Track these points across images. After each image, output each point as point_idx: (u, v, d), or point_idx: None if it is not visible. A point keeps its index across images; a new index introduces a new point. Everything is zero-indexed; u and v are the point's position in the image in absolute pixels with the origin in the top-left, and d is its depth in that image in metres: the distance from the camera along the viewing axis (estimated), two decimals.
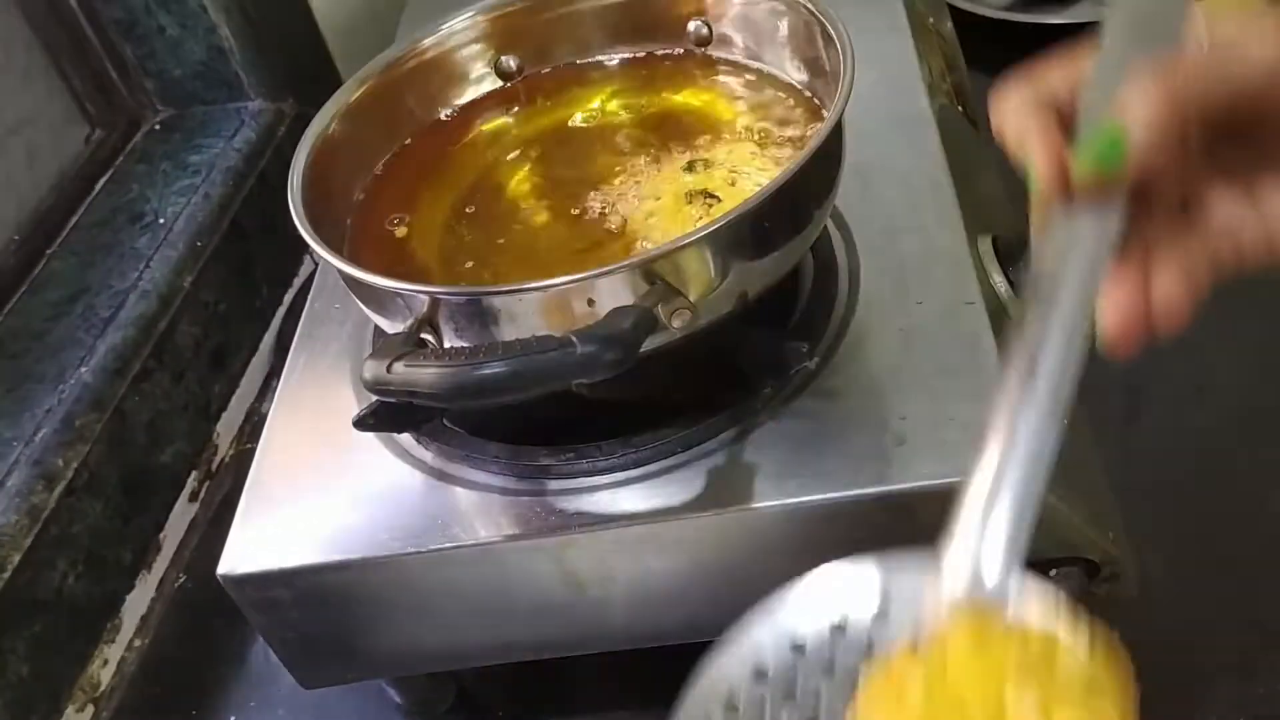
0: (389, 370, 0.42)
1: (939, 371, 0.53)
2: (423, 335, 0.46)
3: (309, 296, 0.68)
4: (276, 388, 0.62)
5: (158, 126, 0.93)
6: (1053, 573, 0.52)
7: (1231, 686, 0.56)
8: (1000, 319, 0.56)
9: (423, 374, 0.42)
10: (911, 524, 0.50)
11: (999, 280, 0.58)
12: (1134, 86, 0.35)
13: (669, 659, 0.58)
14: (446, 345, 0.47)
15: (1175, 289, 0.38)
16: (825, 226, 0.59)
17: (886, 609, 0.38)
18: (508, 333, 0.47)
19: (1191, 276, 0.38)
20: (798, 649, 0.39)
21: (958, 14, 0.98)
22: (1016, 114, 0.38)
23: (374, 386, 0.43)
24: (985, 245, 0.60)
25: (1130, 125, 0.35)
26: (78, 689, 0.68)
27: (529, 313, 0.47)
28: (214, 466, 0.83)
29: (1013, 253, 0.59)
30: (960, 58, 0.85)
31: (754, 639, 0.40)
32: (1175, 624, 0.58)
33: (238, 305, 0.87)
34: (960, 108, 0.75)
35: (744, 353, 0.54)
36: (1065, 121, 0.38)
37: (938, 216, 0.60)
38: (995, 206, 0.68)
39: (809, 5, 0.56)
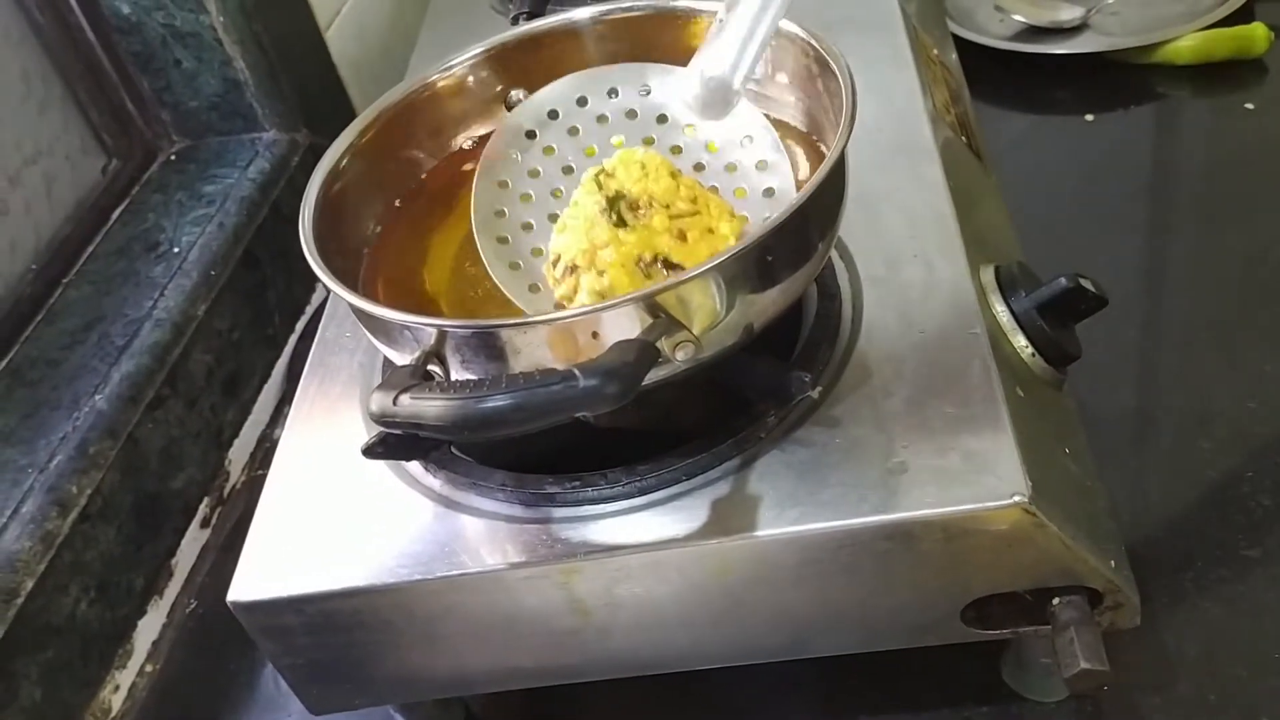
0: (395, 403, 0.43)
1: (941, 400, 0.53)
2: (430, 367, 0.47)
3: (320, 324, 0.69)
4: (288, 414, 0.63)
5: (173, 157, 0.95)
6: (1055, 601, 0.52)
7: (1234, 717, 0.56)
8: (1002, 348, 0.57)
9: (428, 407, 0.42)
10: (914, 552, 0.50)
11: (1001, 309, 0.59)
12: None
13: (675, 686, 0.58)
14: (453, 376, 0.48)
15: None
16: (829, 257, 0.60)
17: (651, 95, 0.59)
18: (514, 364, 0.48)
19: None
20: (581, 102, 0.59)
21: (963, 45, 0.99)
22: None
23: (380, 419, 0.44)
24: (987, 275, 0.60)
25: None
26: (89, 714, 0.69)
27: (534, 345, 0.47)
28: (226, 493, 0.84)
29: (1015, 282, 0.60)
30: (965, 89, 0.86)
31: (553, 93, 0.59)
32: (1179, 653, 0.59)
33: (251, 333, 0.88)
34: (964, 138, 0.75)
35: (747, 382, 0.54)
36: None
37: (940, 247, 0.61)
38: (998, 236, 0.69)
39: (812, 41, 0.56)
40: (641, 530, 0.52)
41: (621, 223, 0.52)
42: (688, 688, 0.60)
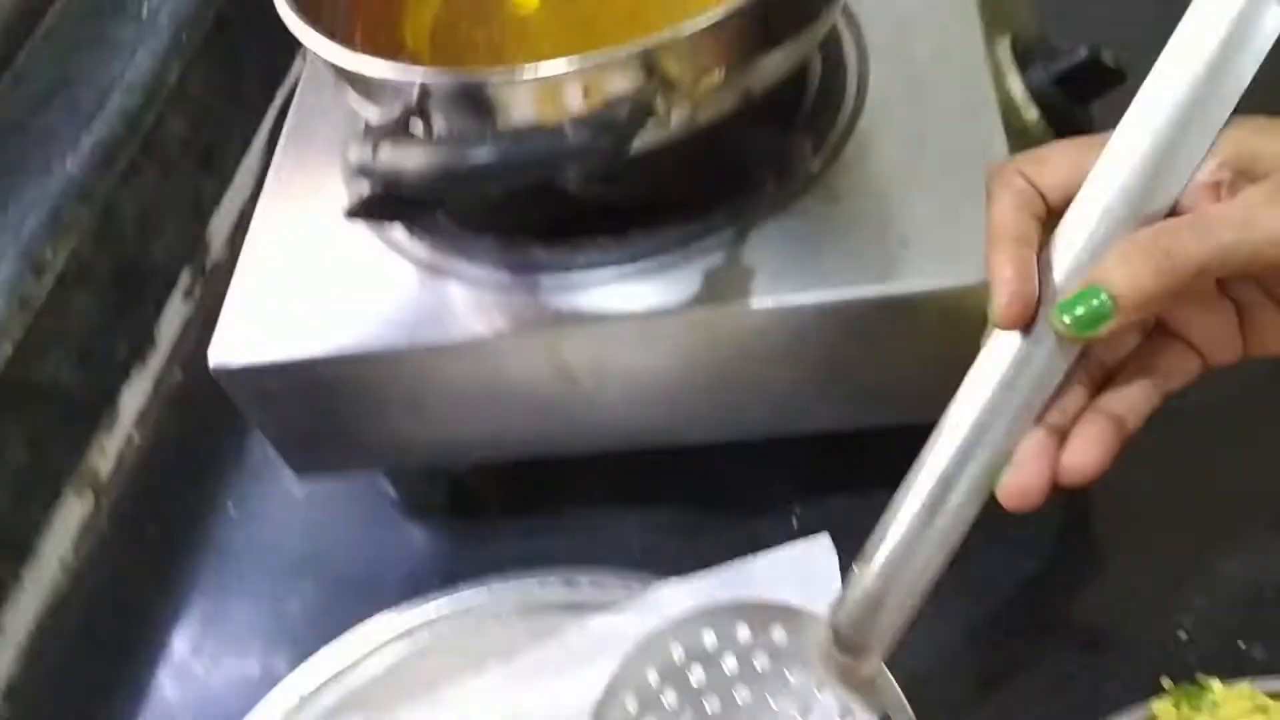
0: (374, 152, 0.41)
1: (947, 174, 0.51)
2: (412, 130, 0.45)
3: (298, 89, 0.66)
4: (265, 181, 0.61)
5: None
6: None
7: None
8: (1013, 123, 0.54)
9: (409, 158, 0.40)
10: (913, 326, 0.49)
11: (1015, 82, 0.56)
12: (1126, 259, 0.35)
13: (660, 461, 0.59)
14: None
15: (1088, 454, 0.38)
16: (835, 24, 0.57)
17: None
18: (500, 123, 0.46)
19: (1110, 432, 0.38)
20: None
21: None
22: (1002, 222, 0.38)
23: (359, 170, 0.42)
24: (1003, 46, 0.57)
25: (1117, 296, 0.35)
26: (77, 476, 0.69)
27: (521, 102, 0.45)
28: (207, 266, 0.82)
29: (1031, 54, 0.57)
30: None
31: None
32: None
33: (227, 102, 0.85)
34: None
35: (746, 150, 0.52)
36: (1050, 212, 0.38)
37: (954, 14, 0.57)
38: (1016, 4, 0.65)
39: None
40: (631, 298, 0.50)
41: None
42: (673, 463, 0.60)
